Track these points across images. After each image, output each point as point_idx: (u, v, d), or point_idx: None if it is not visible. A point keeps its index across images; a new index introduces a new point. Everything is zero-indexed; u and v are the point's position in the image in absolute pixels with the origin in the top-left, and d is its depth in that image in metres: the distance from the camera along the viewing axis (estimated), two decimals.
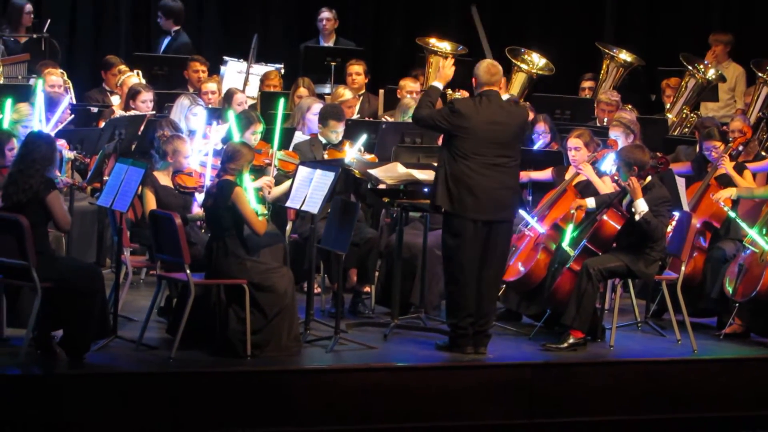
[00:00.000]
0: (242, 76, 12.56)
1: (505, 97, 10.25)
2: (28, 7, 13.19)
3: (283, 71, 12.82)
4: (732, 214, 10.11)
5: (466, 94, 10.50)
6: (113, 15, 14.79)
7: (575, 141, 10.10)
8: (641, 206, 9.32)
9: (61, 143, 10.01)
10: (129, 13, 14.91)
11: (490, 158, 9.01)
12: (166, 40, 13.53)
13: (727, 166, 10.40)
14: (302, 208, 9.34)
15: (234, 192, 8.79)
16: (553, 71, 12.57)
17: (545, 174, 10.48)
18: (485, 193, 9.00)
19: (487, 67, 9.23)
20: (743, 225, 10.05)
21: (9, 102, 10.02)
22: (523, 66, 12.35)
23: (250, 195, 9.01)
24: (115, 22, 14.77)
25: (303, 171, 9.44)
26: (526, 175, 10.32)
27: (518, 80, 12.28)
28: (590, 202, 9.66)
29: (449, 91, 11.07)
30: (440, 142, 9.42)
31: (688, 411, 9.26)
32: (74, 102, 11.37)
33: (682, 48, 13.49)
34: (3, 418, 7.95)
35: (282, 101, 10.56)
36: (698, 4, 15.68)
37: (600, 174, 10.09)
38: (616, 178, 9.61)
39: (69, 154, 10.16)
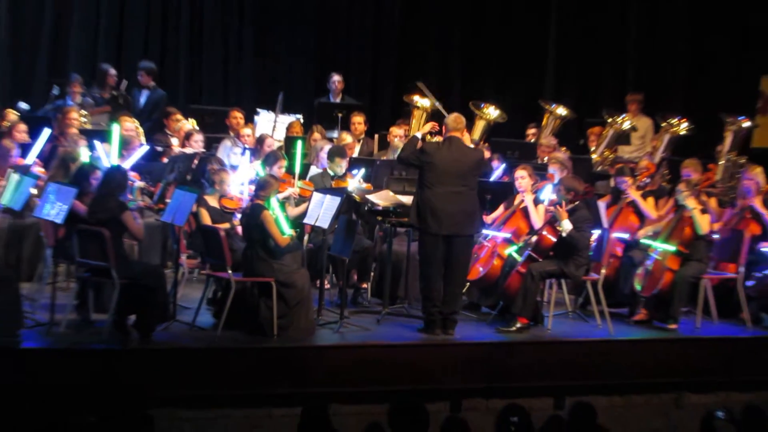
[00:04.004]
0: (271, 124, 12.54)
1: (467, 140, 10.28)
2: (112, 71, 13.15)
3: (302, 120, 12.85)
4: (646, 241, 10.14)
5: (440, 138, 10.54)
6: (173, 77, 14.83)
7: (521, 172, 10.10)
8: (566, 226, 9.39)
9: (134, 175, 10.08)
10: (186, 75, 14.94)
11: (450, 187, 9.03)
12: (146, 93, 13.21)
13: (634, 195, 10.48)
14: (316, 224, 9.38)
15: (262, 214, 8.84)
16: (506, 119, 12.41)
17: (498, 213, 10.29)
18: (445, 214, 9.02)
19: (453, 118, 9.28)
20: (650, 242, 10.07)
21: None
22: (482, 115, 12.30)
23: (280, 217, 9.02)
24: (175, 82, 14.81)
25: (317, 196, 9.48)
26: (488, 219, 10.20)
27: (479, 126, 12.17)
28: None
29: (428, 136, 11.13)
30: None
31: (606, 378, 9.29)
32: (143, 143, 11.42)
33: (603, 103, 13.51)
34: (90, 383, 7.99)
35: (300, 143, 10.54)
36: (617, 69, 15.61)
37: (538, 201, 10.05)
38: (555, 202, 9.60)
39: (139, 183, 10.23)
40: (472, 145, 9.81)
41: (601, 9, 15.75)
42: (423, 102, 11.72)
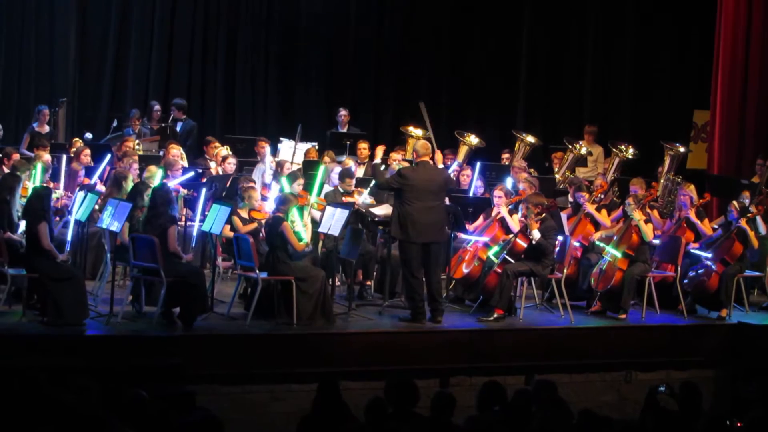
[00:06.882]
0: (291, 150, 12.55)
1: (448, 164, 10.22)
2: (157, 107, 13.24)
3: (317, 147, 12.84)
4: (600, 243, 10.15)
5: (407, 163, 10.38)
6: (211, 112, 14.85)
7: (498, 192, 10.08)
8: (535, 235, 9.41)
9: (178, 186, 10.10)
10: (222, 110, 14.90)
11: (426, 202, 8.99)
12: (180, 124, 13.23)
13: (590, 207, 10.45)
14: (328, 232, 9.36)
15: (282, 225, 8.84)
16: (484, 145, 12.39)
17: (478, 223, 10.22)
18: (423, 225, 8.98)
19: (422, 145, 9.24)
20: (603, 245, 10.08)
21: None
22: (465, 142, 12.27)
23: (300, 229, 8.98)
24: (213, 115, 14.83)
25: (329, 209, 9.45)
26: (470, 228, 10.12)
27: (462, 151, 12.11)
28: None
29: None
30: None
31: (568, 359, 9.29)
32: (187, 166, 11.38)
33: (564, 132, 13.52)
34: (143, 362, 7.98)
35: (322, 168, 10.44)
36: (576, 106, 15.59)
37: (512, 211, 10.03)
38: (525, 215, 9.60)
39: (183, 191, 10.22)
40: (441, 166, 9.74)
41: (562, 55, 15.75)
42: (416, 131, 11.72)
